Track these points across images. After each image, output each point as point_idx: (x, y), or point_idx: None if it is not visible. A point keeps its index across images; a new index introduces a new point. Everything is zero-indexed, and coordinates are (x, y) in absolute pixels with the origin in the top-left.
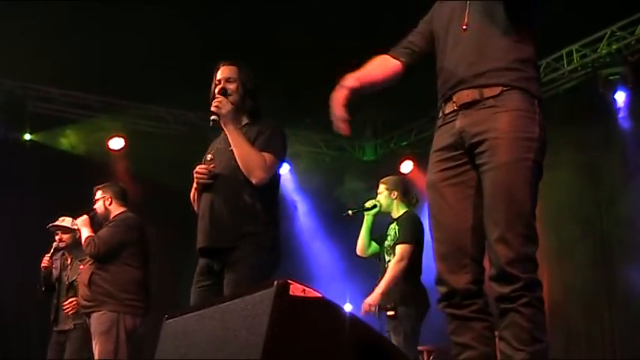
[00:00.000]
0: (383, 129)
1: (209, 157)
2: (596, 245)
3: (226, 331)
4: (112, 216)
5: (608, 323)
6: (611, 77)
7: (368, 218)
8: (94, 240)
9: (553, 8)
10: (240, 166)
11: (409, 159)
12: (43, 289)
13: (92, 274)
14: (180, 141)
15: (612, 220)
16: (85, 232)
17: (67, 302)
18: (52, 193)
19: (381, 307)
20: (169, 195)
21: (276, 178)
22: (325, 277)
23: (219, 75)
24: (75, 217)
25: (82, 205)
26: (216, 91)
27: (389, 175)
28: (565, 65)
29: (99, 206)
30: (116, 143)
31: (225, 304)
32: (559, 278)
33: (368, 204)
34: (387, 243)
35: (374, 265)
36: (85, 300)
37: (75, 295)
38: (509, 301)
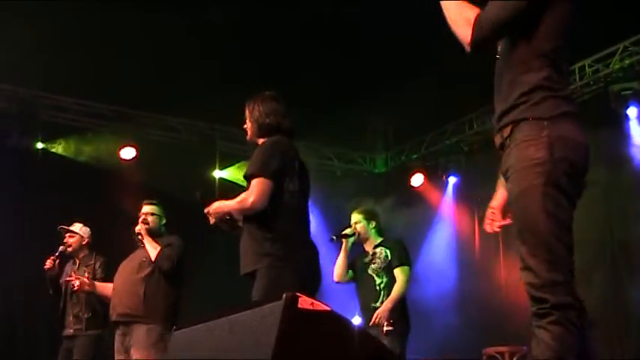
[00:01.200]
0: (394, 141)
1: None
2: (607, 263)
3: (234, 344)
4: (160, 235)
5: (616, 335)
6: (624, 92)
7: (347, 246)
8: (170, 256)
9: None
10: None
11: (420, 172)
12: (51, 292)
13: (146, 287)
14: (190, 151)
15: (623, 236)
16: (152, 244)
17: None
18: (64, 201)
19: (381, 322)
20: (180, 205)
21: (277, 195)
22: (335, 291)
23: None
24: (83, 222)
25: (93, 213)
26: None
27: (397, 189)
28: (577, 80)
29: (153, 221)
30: (127, 153)
31: (233, 316)
32: None
33: (347, 231)
34: (374, 266)
35: None
36: (131, 309)
37: (78, 300)
38: (538, 317)
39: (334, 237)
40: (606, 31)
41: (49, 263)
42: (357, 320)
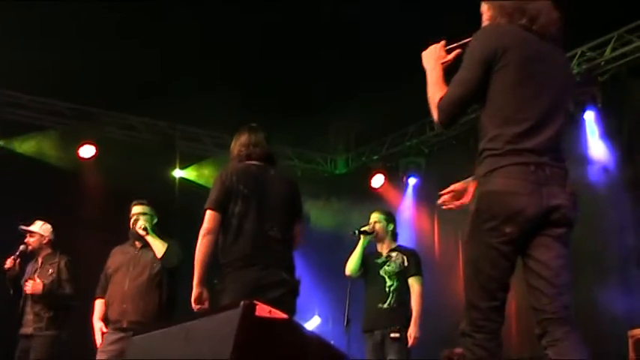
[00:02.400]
0: (355, 142)
1: None
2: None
3: (191, 351)
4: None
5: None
6: (581, 97)
7: (364, 242)
8: (178, 253)
9: None
10: None
11: (380, 173)
12: (11, 292)
13: (161, 294)
14: (150, 150)
15: (579, 238)
16: (158, 240)
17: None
18: (22, 199)
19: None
20: None
21: (224, 220)
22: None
23: None
24: (45, 220)
25: (51, 211)
26: None
27: (358, 190)
28: None
29: (146, 221)
30: (87, 151)
31: (190, 322)
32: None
33: (367, 228)
34: (388, 268)
35: (341, 279)
36: (145, 317)
37: (40, 298)
38: None
39: (355, 232)
40: (564, 36)
41: (9, 263)
42: (317, 320)
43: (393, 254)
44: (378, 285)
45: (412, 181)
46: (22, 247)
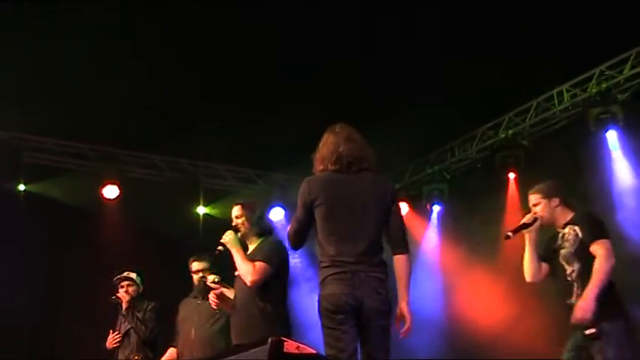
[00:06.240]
0: (377, 171)
1: None
2: None
3: None
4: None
5: None
6: (602, 116)
7: (531, 236)
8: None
9: (543, 48)
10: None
11: (403, 201)
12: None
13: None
14: (174, 188)
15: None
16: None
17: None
18: (47, 243)
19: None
20: (164, 242)
21: (277, 278)
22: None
23: (232, 213)
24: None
25: (76, 255)
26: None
27: None
28: (556, 105)
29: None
30: (110, 192)
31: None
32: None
33: (526, 219)
34: (564, 251)
35: None
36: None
37: (129, 343)
38: None
39: (510, 234)
40: (583, 55)
41: (110, 341)
42: None
43: (566, 230)
44: (558, 276)
45: (436, 208)
46: (114, 297)
